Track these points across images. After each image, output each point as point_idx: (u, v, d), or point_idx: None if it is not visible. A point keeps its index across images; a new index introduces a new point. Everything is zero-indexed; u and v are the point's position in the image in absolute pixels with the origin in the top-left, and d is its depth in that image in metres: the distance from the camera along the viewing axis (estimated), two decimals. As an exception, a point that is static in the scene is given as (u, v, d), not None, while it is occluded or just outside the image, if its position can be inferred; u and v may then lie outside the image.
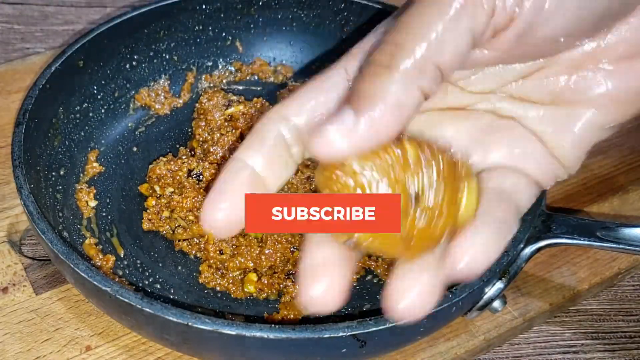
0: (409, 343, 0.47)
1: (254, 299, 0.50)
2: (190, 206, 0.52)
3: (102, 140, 0.59)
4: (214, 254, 0.50)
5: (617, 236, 0.47)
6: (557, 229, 0.47)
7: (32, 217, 0.44)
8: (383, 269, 0.51)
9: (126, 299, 0.39)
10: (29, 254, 0.53)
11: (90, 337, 0.47)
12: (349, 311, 0.49)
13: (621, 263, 0.55)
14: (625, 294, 0.56)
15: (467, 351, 0.49)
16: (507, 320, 0.50)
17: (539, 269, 0.54)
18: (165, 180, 0.54)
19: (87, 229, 0.53)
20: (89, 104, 0.58)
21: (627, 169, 0.63)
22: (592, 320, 0.54)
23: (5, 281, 0.50)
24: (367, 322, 0.39)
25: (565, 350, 0.52)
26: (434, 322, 0.43)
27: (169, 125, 0.62)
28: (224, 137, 0.56)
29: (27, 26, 0.79)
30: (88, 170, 0.57)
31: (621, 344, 0.52)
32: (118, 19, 0.58)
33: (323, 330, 0.38)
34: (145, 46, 0.61)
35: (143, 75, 0.62)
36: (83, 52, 0.56)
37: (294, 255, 0.51)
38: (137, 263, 0.51)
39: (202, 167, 0.54)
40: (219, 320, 0.38)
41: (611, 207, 0.59)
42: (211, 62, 0.66)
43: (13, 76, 0.66)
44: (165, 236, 0.53)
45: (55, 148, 0.54)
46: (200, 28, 0.64)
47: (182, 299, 0.49)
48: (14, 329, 0.48)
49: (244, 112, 0.58)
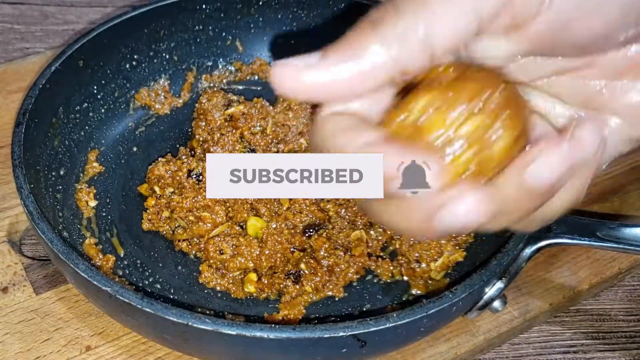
0: (409, 343, 0.47)
1: (254, 299, 0.50)
2: (190, 206, 0.52)
3: (102, 140, 0.59)
4: (214, 254, 0.50)
5: (618, 236, 0.47)
6: (557, 229, 0.47)
7: (32, 217, 0.44)
8: (383, 268, 0.51)
9: (126, 299, 0.39)
10: (29, 254, 0.53)
11: (90, 337, 0.47)
12: (349, 311, 0.49)
13: (621, 263, 0.55)
14: (625, 294, 0.56)
15: (468, 351, 0.49)
16: (507, 320, 0.50)
17: (540, 269, 0.54)
18: (164, 180, 0.54)
19: (87, 229, 0.53)
20: (89, 103, 0.58)
21: (628, 169, 0.63)
22: (593, 320, 0.54)
23: (5, 281, 0.50)
24: (368, 322, 0.39)
25: (566, 350, 0.52)
26: (434, 322, 0.43)
27: (169, 125, 0.62)
28: (224, 137, 0.56)
29: (27, 26, 0.79)
30: (88, 170, 0.57)
31: (621, 343, 0.52)
32: (118, 18, 0.58)
33: (323, 330, 0.38)
34: (145, 46, 0.61)
35: (143, 75, 0.62)
36: (83, 51, 0.56)
37: (294, 256, 0.51)
38: (137, 263, 0.51)
39: (202, 167, 0.54)
40: (219, 320, 0.38)
41: (611, 207, 0.59)
42: (211, 62, 0.66)
43: (13, 76, 0.66)
44: (165, 236, 0.53)
45: (55, 148, 0.54)
46: (200, 28, 0.64)
47: (182, 299, 0.49)
48: (14, 328, 0.47)
49: (244, 112, 0.58)
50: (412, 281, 0.51)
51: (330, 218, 0.53)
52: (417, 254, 0.51)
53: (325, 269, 0.50)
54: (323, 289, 0.50)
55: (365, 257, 0.51)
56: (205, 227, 0.51)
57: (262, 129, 0.58)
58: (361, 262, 0.51)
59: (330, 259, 0.50)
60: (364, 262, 0.51)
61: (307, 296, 0.49)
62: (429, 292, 0.50)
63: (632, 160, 0.63)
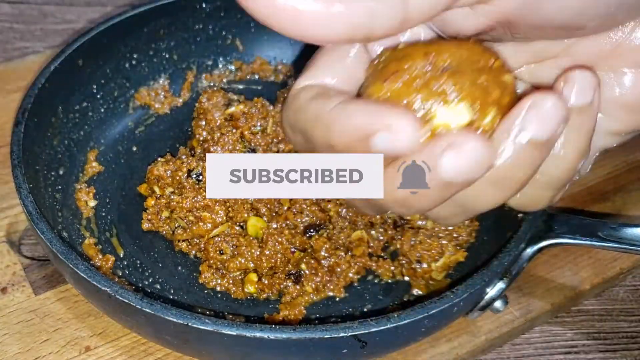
0: (410, 343, 0.46)
1: (255, 300, 0.49)
2: (190, 206, 0.51)
3: (101, 140, 0.59)
4: (214, 254, 0.50)
5: (619, 236, 0.47)
6: (558, 229, 0.47)
7: (31, 217, 0.43)
8: (384, 269, 0.51)
9: (126, 299, 0.39)
10: (28, 254, 0.53)
11: (90, 338, 0.47)
12: (349, 311, 0.49)
13: (623, 263, 0.55)
14: (627, 294, 0.56)
15: (469, 352, 0.49)
16: (508, 321, 0.50)
17: (541, 269, 0.54)
18: (164, 180, 0.54)
19: (86, 229, 0.53)
20: (89, 103, 0.58)
21: (629, 168, 0.63)
22: (594, 321, 0.54)
23: (5, 281, 0.50)
24: (368, 323, 0.39)
25: (567, 351, 0.52)
26: (435, 323, 0.43)
27: (168, 125, 0.62)
28: (224, 137, 0.56)
29: (27, 25, 0.78)
30: (87, 169, 0.57)
31: (623, 344, 0.52)
32: (117, 17, 0.58)
33: (324, 331, 0.38)
34: (144, 45, 0.61)
35: (143, 75, 0.62)
36: (82, 51, 0.55)
37: (295, 256, 0.50)
38: (136, 263, 0.51)
39: (202, 167, 0.54)
40: (219, 320, 0.38)
41: (613, 207, 0.59)
42: (211, 61, 0.66)
43: (12, 75, 0.66)
44: (165, 236, 0.53)
45: (54, 147, 0.54)
46: (200, 27, 0.63)
47: (182, 299, 0.49)
48: (13, 329, 0.47)
49: (244, 111, 0.57)
50: (413, 281, 0.51)
51: (331, 218, 0.53)
52: (418, 254, 0.50)
53: (326, 269, 0.50)
54: (324, 289, 0.49)
55: (366, 258, 0.51)
56: (205, 227, 0.51)
57: (263, 128, 0.57)
58: (362, 263, 0.51)
59: (331, 259, 0.50)
60: (364, 262, 0.51)
61: (308, 296, 0.49)
62: (430, 292, 0.50)
63: (633, 160, 0.63)
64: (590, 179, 0.61)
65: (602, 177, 0.61)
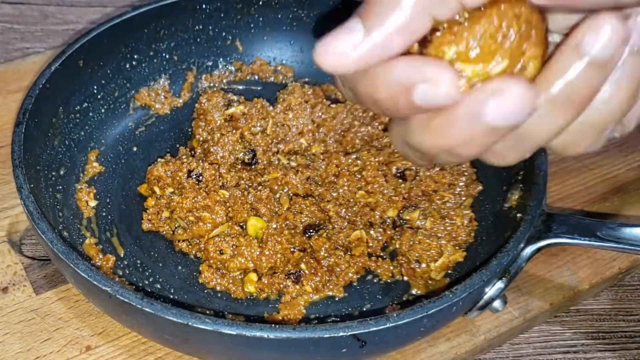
0: (409, 343, 0.47)
1: (254, 299, 0.50)
2: (190, 207, 0.52)
3: (102, 140, 0.59)
4: (214, 254, 0.50)
5: (618, 236, 0.47)
6: (557, 229, 0.47)
7: (32, 217, 0.44)
8: (383, 268, 0.51)
9: (126, 299, 0.39)
10: (29, 254, 0.53)
11: (90, 337, 0.47)
12: (349, 311, 0.49)
13: (621, 263, 0.55)
14: (625, 294, 0.56)
15: (468, 351, 0.49)
16: (507, 320, 0.50)
17: (540, 269, 0.54)
18: (164, 181, 0.54)
19: (87, 229, 0.53)
20: (89, 103, 0.58)
21: (628, 169, 0.63)
22: (593, 320, 0.54)
23: (5, 281, 0.50)
24: (368, 322, 0.39)
25: (566, 350, 0.52)
26: (434, 322, 0.43)
27: (169, 125, 0.62)
28: (224, 137, 0.56)
29: (27, 26, 0.79)
30: (88, 170, 0.57)
31: (621, 343, 0.52)
32: (118, 18, 0.58)
33: (323, 330, 0.38)
34: (145, 46, 0.61)
35: (143, 75, 0.62)
36: (83, 51, 0.56)
37: (294, 256, 0.51)
38: (137, 263, 0.51)
39: (202, 167, 0.54)
40: (219, 320, 0.38)
41: (612, 207, 0.59)
42: (211, 62, 0.66)
43: (13, 76, 0.66)
44: (165, 236, 0.53)
45: (55, 148, 0.54)
46: (200, 28, 0.64)
47: (182, 299, 0.49)
48: (14, 328, 0.47)
49: (244, 112, 0.58)
50: (412, 281, 0.51)
51: (331, 218, 0.53)
52: (417, 254, 0.51)
53: (326, 269, 0.50)
54: (323, 289, 0.49)
55: (366, 257, 0.51)
56: (205, 227, 0.51)
57: (262, 129, 0.58)
58: (361, 262, 0.51)
59: (330, 259, 0.50)
60: (364, 262, 0.51)
61: (307, 296, 0.49)
62: (429, 292, 0.50)
63: (632, 160, 0.63)
64: (589, 179, 0.61)
65: (600, 177, 0.62)
